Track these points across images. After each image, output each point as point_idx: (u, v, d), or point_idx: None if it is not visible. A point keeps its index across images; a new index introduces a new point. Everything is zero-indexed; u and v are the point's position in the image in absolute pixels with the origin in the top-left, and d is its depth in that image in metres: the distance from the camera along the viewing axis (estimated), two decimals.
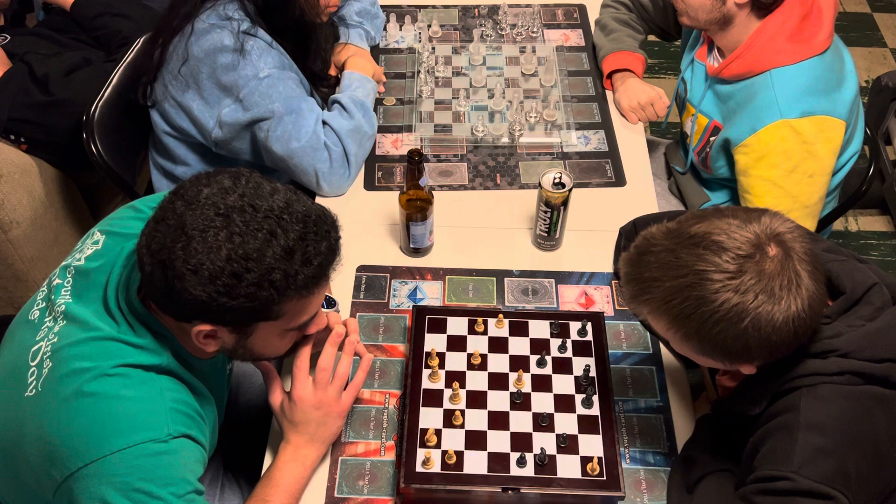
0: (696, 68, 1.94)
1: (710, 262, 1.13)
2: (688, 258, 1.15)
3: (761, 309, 1.12)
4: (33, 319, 1.27)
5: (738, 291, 1.12)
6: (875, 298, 1.23)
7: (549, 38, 2.28)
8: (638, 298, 1.21)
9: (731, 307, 1.12)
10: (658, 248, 1.18)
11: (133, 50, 2.04)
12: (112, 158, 1.95)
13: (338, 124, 1.84)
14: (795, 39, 1.72)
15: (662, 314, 1.18)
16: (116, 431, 1.14)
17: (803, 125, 1.71)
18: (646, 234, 1.23)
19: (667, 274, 1.16)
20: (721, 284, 1.12)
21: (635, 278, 1.21)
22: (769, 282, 1.12)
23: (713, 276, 1.12)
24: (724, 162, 1.90)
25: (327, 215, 1.19)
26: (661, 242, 1.19)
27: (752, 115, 1.76)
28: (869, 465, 1.16)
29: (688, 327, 1.16)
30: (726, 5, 1.72)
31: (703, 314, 1.13)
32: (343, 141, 1.83)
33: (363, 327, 1.62)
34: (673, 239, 1.18)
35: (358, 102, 1.89)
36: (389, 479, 1.41)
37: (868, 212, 3.02)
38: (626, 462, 1.43)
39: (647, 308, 1.20)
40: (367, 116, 1.90)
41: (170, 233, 1.10)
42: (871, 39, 3.68)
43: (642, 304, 1.20)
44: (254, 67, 1.75)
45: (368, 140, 1.91)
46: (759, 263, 1.12)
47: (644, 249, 1.21)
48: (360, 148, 1.87)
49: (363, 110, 1.89)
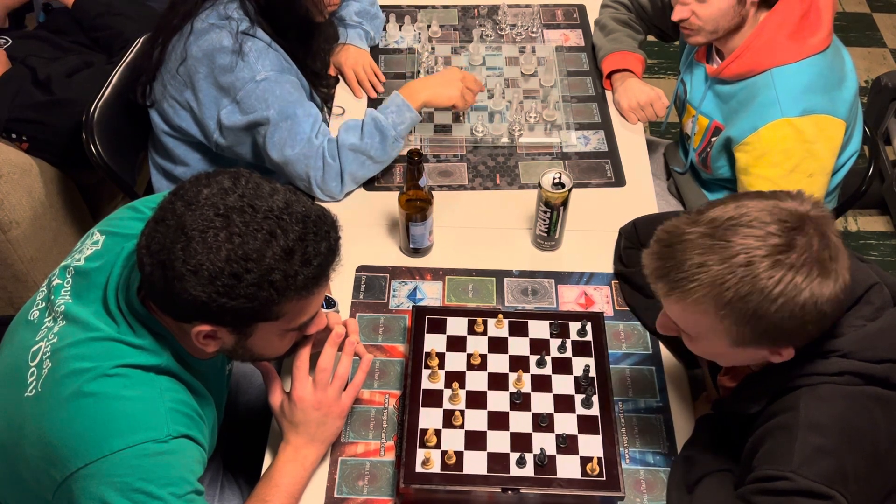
0: (695, 70, 1.94)
1: (759, 238, 1.09)
2: (733, 237, 1.10)
3: (817, 285, 1.09)
4: (33, 320, 1.27)
5: (795, 267, 1.09)
6: (875, 298, 1.23)
7: (549, 38, 2.28)
8: (680, 289, 1.14)
9: (789, 282, 1.09)
10: (692, 234, 1.14)
11: (132, 50, 2.04)
12: (112, 158, 1.95)
13: (344, 139, 1.80)
14: (795, 38, 1.72)
15: (711, 301, 1.12)
16: (116, 432, 1.14)
17: (804, 124, 1.71)
18: (667, 229, 1.18)
19: (712, 257, 1.11)
20: (774, 260, 1.08)
21: (672, 269, 1.15)
22: (821, 253, 1.10)
23: (765, 252, 1.09)
24: (724, 162, 1.90)
25: (327, 216, 1.19)
26: (693, 230, 1.14)
27: (753, 114, 1.76)
28: (868, 466, 1.16)
29: (743, 309, 1.11)
30: (745, 7, 1.72)
31: (760, 293, 1.09)
32: (342, 156, 1.80)
33: (363, 328, 1.62)
34: (706, 224, 1.14)
35: (379, 126, 1.80)
36: (389, 480, 1.41)
37: (868, 212, 3.02)
38: (625, 462, 1.43)
39: (691, 299, 1.14)
40: (383, 143, 1.81)
41: (169, 233, 1.10)
42: (871, 39, 3.68)
43: (685, 293, 1.14)
44: (251, 70, 1.75)
45: (373, 165, 1.84)
46: (806, 234, 1.10)
47: (672, 241, 1.16)
48: (359, 168, 1.82)
49: (380, 135, 1.81)
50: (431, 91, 1.88)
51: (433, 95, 1.88)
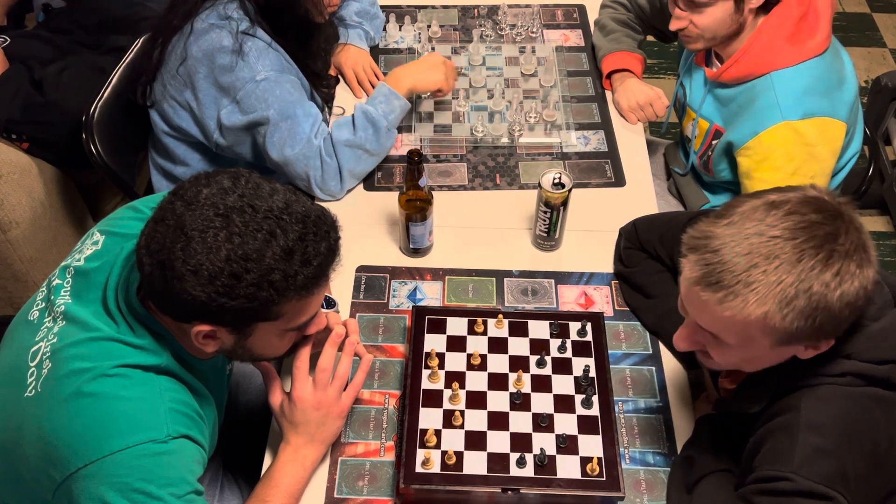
0: (694, 73, 1.94)
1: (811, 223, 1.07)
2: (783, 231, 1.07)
3: (863, 268, 1.09)
4: (33, 320, 1.27)
5: (847, 255, 1.07)
6: (877, 297, 1.23)
7: (549, 38, 2.28)
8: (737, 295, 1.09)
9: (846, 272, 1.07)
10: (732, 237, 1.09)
11: (133, 50, 2.04)
12: (112, 158, 1.95)
13: (338, 135, 1.81)
14: (794, 41, 1.72)
15: (770, 300, 1.08)
16: (116, 432, 1.14)
17: (805, 127, 1.71)
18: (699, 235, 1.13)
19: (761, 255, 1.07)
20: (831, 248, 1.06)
21: (725, 273, 1.09)
22: (863, 239, 1.09)
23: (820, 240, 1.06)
24: (725, 165, 1.90)
25: (327, 216, 1.19)
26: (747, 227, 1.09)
27: (753, 118, 1.76)
28: (868, 467, 1.16)
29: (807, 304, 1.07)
30: (743, 14, 1.72)
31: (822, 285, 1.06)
32: (338, 153, 1.80)
33: (363, 328, 1.62)
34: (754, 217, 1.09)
35: (370, 118, 1.82)
36: (389, 480, 1.41)
37: (868, 212, 3.02)
38: (625, 462, 1.43)
39: (750, 300, 1.08)
40: (376, 135, 1.82)
41: (169, 233, 1.10)
42: (871, 39, 3.68)
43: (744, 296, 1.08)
44: (251, 69, 1.75)
45: (370, 158, 1.85)
46: (847, 221, 1.09)
47: (713, 247, 1.10)
48: (357, 163, 1.83)
49: (373, 127, 1.82)
50: (416, 77, 1.90)
51: (418, 81, 1.90)
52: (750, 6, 1.70)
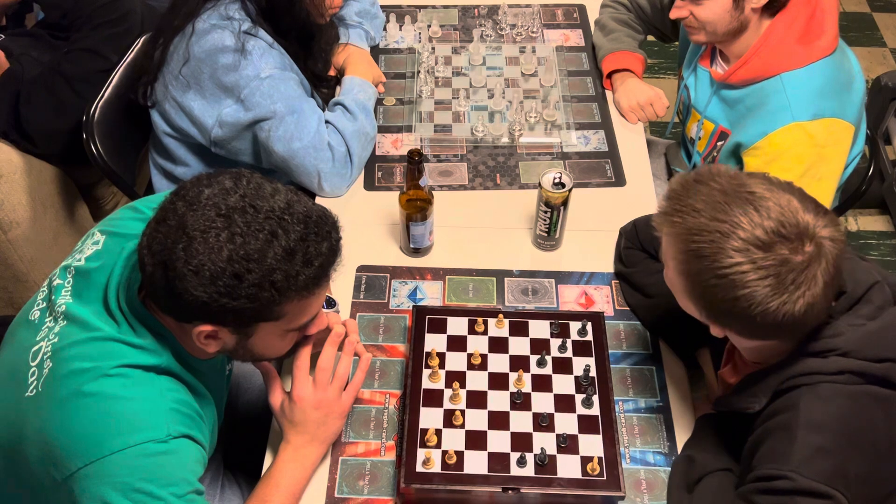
0: (699, 74, 1.93)
1: (750, 223, 1.13)
2: (734, 209, 1.15)
3: (762, 290, 1.12)
4: (33, 320, 1.27)
5: (755, 264, 1.12)
6: (876, 297, 1.23)
7: (549, 38, 2.28)
8: (669, 217, 1.21)
9: (738, 272, 1.13)
10: (715, 184, 1.19)
11: (133, 50, 2.04)
12: (112, 159, 1.95)
13: (342, 125, 1.85)
14: (804, 41, 1.71)
15: (679, 242, 1.19)
16: (117, 432, 1.14)
17: (815, 128, 1.70)
18: (712, 168, 1.24)
19: (708, 211, 1.16)
20: (744, 247, 1.13)
21: (678, 197, 1.21)
22: (786, 272, 1.12)
23: (743, 236, 1.13)
24: (731, 166, 1.90)
25: (328, 216, 1.19)
26: (720, 181, 1.19)
27: (763, 119, 1.75)
28: (868, 465, 1.16)
29: (690, 265, 1.18)
30: (744, 13, 1.71)
31: (711, 262, 1.14)
32: (348, 141, 1.84)
33: (363, 327, 1.62)
34: (733, 183, 1.18)
35: (360, 105, 1.91)
36: (390, 480, 1.41)
37: (868, 211, 3.02)
38: (626, 462, 1.43)
39: (671, 229, 1.21)
40: (369, 119, 1.92)
41: (171, 233, 1.10)
42: (871, 39, 3.68)
43: (670, 224, 1.21)
44: (255, 68, 1.75)
45: (370, 142, 1.92)
46: (791, 250, 1.12)
47: (702, 179, 1.21)
48: (363, 149, 1.89)
49: (365, 112, 1.91)
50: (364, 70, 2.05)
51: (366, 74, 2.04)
52: (751, 5, 1.69)
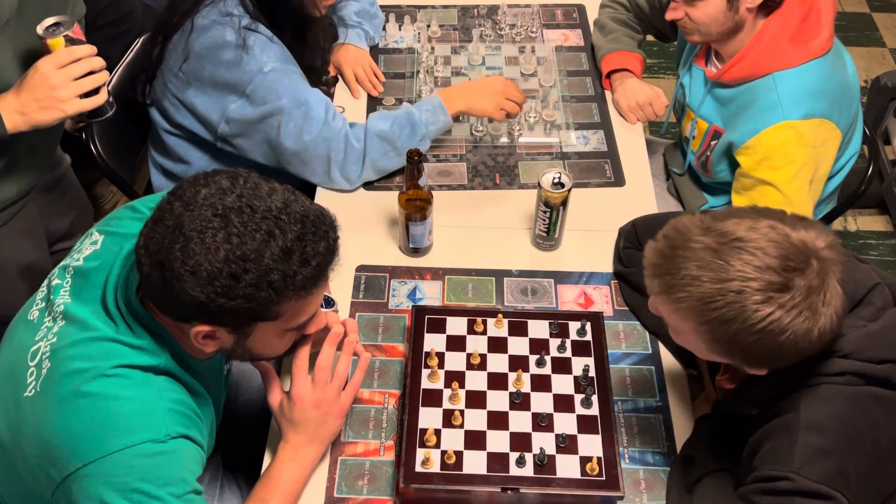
0: (694, 73, 1.94)
1: (756, 270, 1.08)
2: (734, 262, 1.09)
3: (802, 325, 1.09)
4: (32, 319, 1.27)
5: (785, 308, 1.08)
6: (876, 299, 1.23)
7: (549, 38, 2.28)
8: (669, 295, 1.14)
9: (774, 321, 1.08)
10: (697, 244, 1.12)
11: (133, 49, 2.04)
12: (112, 157, 1.95)
13: (373, 124, 1.81)
14: (797, 41, 1.72)
15: (695, 315, 1.13)
16: (115, 432, 1.14)
17: (805, 127, 1.70)
18: (678, 227, 1.16)
19: (708, 275, 1.10)
20: (765, 297, 1.08)
21: (668, 273, 1.14)
22: (814, 298, 1.09)
23: (758, 287, 1.08)
24: (725, 166, 1.90)
25: (326, 215, 1.19)
26: (699, 239, 1.13)
27: (754, 118, 1.75)
28: (869, 466, 1.16)
29: (718, 332, 1.12)
30: (739, 13, 1.71)
31: (742, 323, 1.09)
32: (367, 140, 1.80)
33: (362, 327, 1.62)
34: (714, 237, 1.12)
35: (412, 120, 1.82)
36: (389, 479, 1.41)
37: (867, 212, 3.02)
38: (625, 462, 1.43)
39: (678, 305, 1.14)
40: (410, 137, 1.82)
41: (168, 234, 1.10)
42: (870, 39, 3.68)
43: (673, 301, 1.14)
44: (258, 62, 1.75)
45: (396, 157, 1.84)
46: (806, 278, 1.08)
47: (679, 244, 1.14)
48: (382, 157, 1.83)
49: (410, 129, 1.82)
50: (467, 101, 1.88)
51: (469, 106, 1.88)
52: (746, 5, 1.69)
